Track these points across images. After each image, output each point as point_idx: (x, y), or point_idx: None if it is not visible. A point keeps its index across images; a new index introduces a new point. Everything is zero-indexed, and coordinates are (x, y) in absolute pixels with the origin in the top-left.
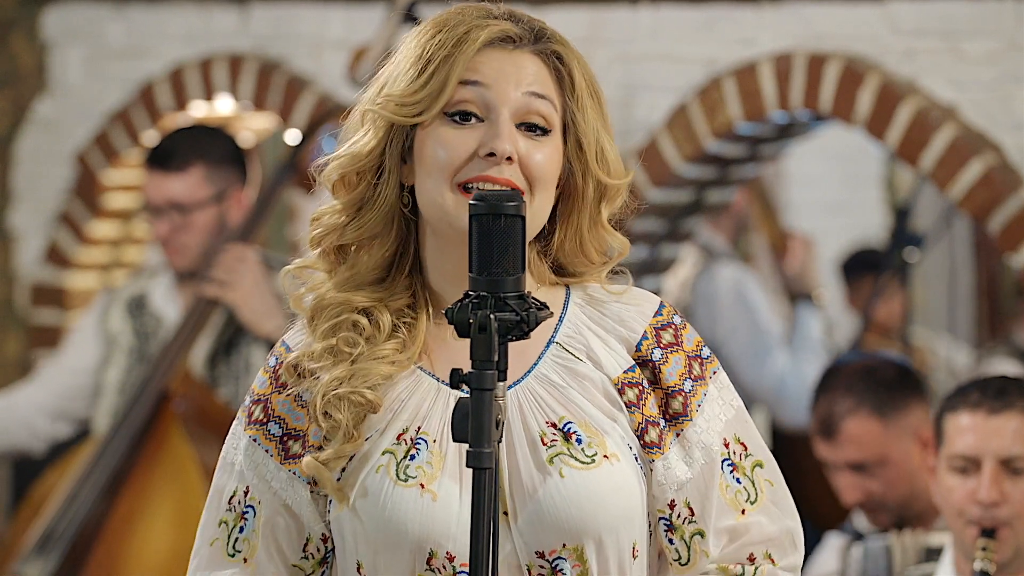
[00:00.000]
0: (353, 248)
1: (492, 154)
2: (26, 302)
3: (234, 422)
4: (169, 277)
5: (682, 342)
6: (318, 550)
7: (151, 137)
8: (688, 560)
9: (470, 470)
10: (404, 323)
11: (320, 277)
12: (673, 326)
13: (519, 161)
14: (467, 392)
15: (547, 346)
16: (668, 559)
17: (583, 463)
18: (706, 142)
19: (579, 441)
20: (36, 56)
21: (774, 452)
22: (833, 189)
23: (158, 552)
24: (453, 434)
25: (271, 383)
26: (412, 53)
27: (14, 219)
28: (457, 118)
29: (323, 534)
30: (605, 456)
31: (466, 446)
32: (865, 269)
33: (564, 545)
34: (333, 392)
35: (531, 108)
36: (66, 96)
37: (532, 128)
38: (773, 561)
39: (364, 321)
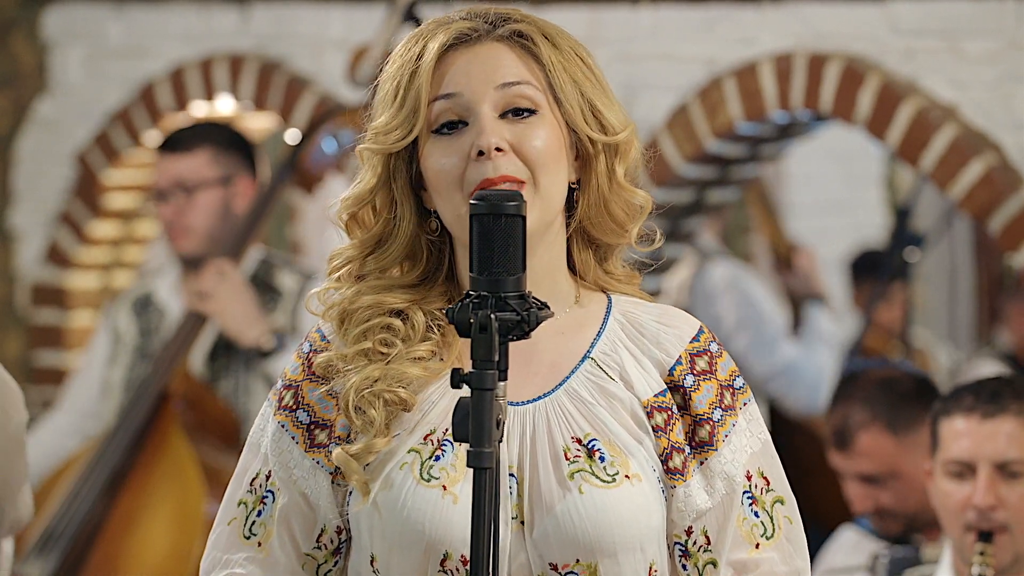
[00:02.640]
0: (377, 271)
1: (481, 152)
2: (26, 302)
3: (265, 403)
4: (174, 273)
5: (716, 370)
6: (331, 541)
7: (155, 135)
8: None
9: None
10: (438, 325)
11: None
12: (709, 353)
13: (513, 150)
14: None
15: (582, 360)
16: None
17: (604, 481)
18: (707, 142)
19: (602, 459)
20: (36, 56)
21: (776, 445)
22: (833, 189)
23: (158, 552)
24: (454, 434)
25: (303, 370)
26: (386, 83)
27: (14, 219)
28: (444, 129)
29: (338, 526)
30: (627, 476)
31: None
32: (872, 270)
33: (578, 560)
34: (368, 390)
35: (510, 97)
36: (66, 96)
37: (519, 112)
38: None
39: (398, 323)
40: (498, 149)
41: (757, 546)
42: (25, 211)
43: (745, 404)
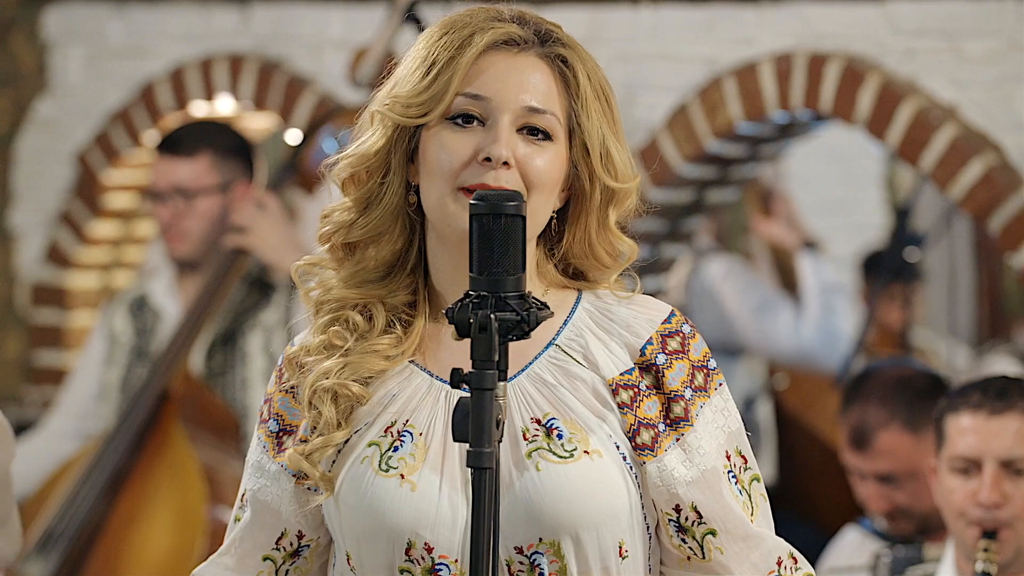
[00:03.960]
0: (361, 245)
1: (489, 159)
2: (26, 302)
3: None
4: (169, 274)
5: (688, 351)
6: (291, 544)
7: (154, 135)
8: (704, 556)
9: (452, 462)
10: (401, 320)
11: (329, 273)
12: (681, 334)
13: (517, 165)
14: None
15: (546, 347)
16: (681, 555)
17: (561, 457)
18: (706, 142)
19: (560, 436)
20: (36, 56)
21: (779, 446)
22: (833, 189)
23: (158, 552)
24: (453, 434)
25: (276, 380)
26: (419, 55)
27: (14, 219)
28: (459, 121)
29: (299, 530)
30: (586, 452)
31: (451, 440)
32: (884, 271)
33: (540, 539)
34: (320, 384)
35: (531, 118)
36: (66, 96)
37: (534, 132)
38: (796, 561)
39: (358, 317)
40: (505, 163)
41: (752, 521)
42: (25, 211)
43: (720, 385)
